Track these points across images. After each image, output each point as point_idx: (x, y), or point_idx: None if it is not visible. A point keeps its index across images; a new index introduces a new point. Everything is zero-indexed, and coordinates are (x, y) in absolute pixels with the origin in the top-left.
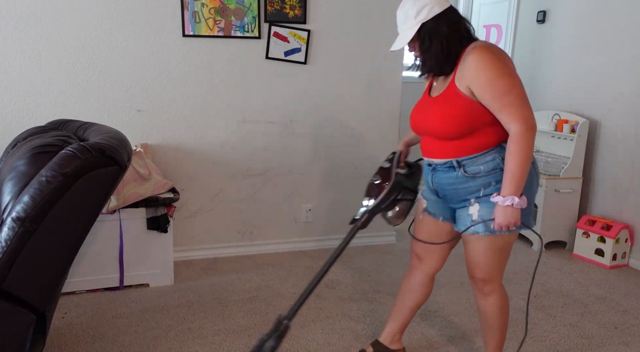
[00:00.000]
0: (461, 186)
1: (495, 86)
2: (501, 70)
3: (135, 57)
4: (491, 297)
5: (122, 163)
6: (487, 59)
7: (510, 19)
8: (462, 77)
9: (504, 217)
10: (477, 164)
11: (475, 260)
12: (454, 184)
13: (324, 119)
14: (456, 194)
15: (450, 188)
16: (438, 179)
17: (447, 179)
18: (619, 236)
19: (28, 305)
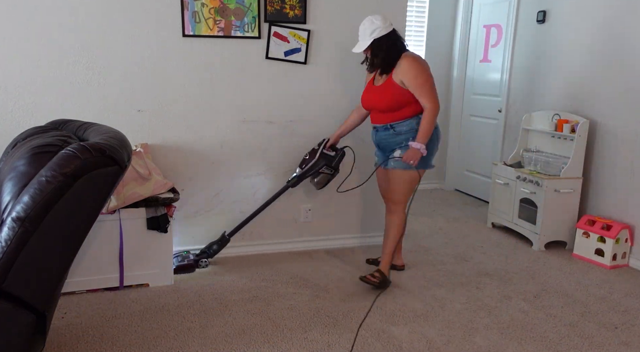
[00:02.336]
0: (392, 139)
1: (417, 80)
2: (420, 71)
3: (135, 57)
4: (395, 215)
5: (122, 163)
6: (412, 64)
7: (510, 19)
8: (397, 74)
9: (412, 154)
10: (401, 126)
11: (392, 188)
12: (387, 139)
13: (324, 119)
14: (388, 144)
15: (384, 141)
16: (379, 136)
17: (384, 135)
18: (619, 236)
19: (28, 305)
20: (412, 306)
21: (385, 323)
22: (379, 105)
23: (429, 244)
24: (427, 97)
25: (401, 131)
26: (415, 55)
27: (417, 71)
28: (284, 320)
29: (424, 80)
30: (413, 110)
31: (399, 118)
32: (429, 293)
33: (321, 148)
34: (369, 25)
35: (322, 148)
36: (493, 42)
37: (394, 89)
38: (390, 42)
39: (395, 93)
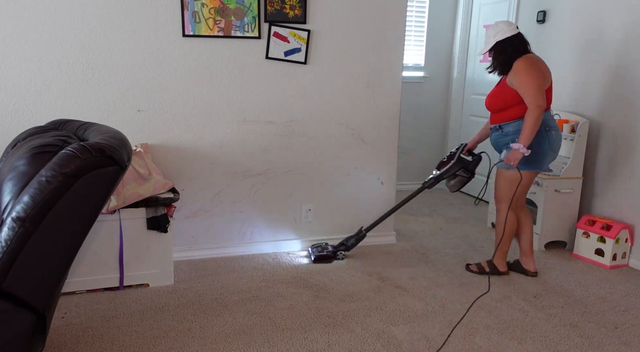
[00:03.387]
0: (500, 140)
1: (522, 80)
2: (527, 71)
3: (135, 57)
4: (499, 213)
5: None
6: (522, 65)
7: (510, 19)
8: (510, 75)
9: (511, 155)
10: (508, 127)
11: (496, 185)
12: (497, 139)
13: (324, 119)
14: (498, 144)
15: (495, 141)
16: (492, 137)
17: (495, 136)
18: (619, 236)
19: (28, 305)
20: (412, 306)
21: (385, 323)
22: (490, 105)
23: (429, 244)
24: (529, 97)
25: (508, 132)
26: (531, 57)
27: (524, 71)
28: (284, 320)
29: (527, 81)
30: (521, 112)
31: (506, 119)
32: (429, 293)
33: (459, 152)
34: (493, 29)
35: (460, 152)
36: None
37: (505, 89)
38: (513, 45)
39: (505, 93)
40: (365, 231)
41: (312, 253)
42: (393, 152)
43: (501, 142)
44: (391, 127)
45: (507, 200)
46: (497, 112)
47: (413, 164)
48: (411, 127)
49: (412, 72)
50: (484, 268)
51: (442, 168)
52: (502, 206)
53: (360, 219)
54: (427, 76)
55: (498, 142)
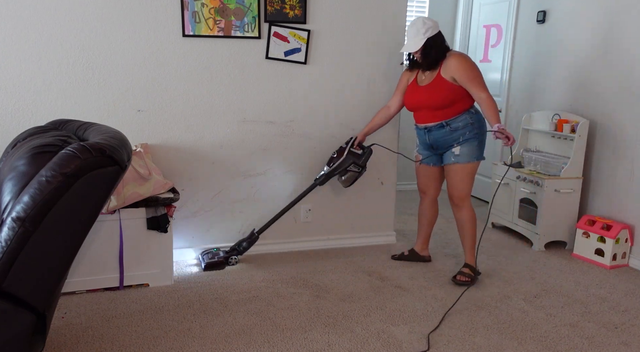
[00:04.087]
0: (448, 136)
1: (469, 74)
2: (470, 65)
3: (135, 57)
4: (464, 210)
5: (122, 163)
6: (463, 61)
7: (510, 19)
8: (447, 71)
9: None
10: (457, 122)
11: (455, 184)
12: (444, 136)
13: (324, 119)
14: (445, 142)
15: (441, 139)
16: (433, 136)
17: (439, 134)
18: (619, 236)
19: (28, 305)
20: (412, 306)
21: (385, 323)
22: (431, 103)
23: (429, 244)
24: (481, 88)
25: (457, 127)
26: (461, 53)
27: (468, 66)
28: (284, 320)
29: (475, 74)
30: (465, 106)
31: (452, 114)
32: (429, 293)
33: (348, 146)
34: (422, 25)
35: (350, 146)
36: (493, 42)
37: (445, 85)
38: (440, 41)
39: (447, 89)
40: (257, 233)
41: (202, 260)
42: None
43: (450, 138)
44: (391, 126)
45: (469, 195)
46: (439, 109)
47: (413, 164)
48: (411, 127)
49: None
50: (471, 274)
51: (333, 164)
52: (467, 202)
53: (360, 219)
54: None
55: (446, 140)
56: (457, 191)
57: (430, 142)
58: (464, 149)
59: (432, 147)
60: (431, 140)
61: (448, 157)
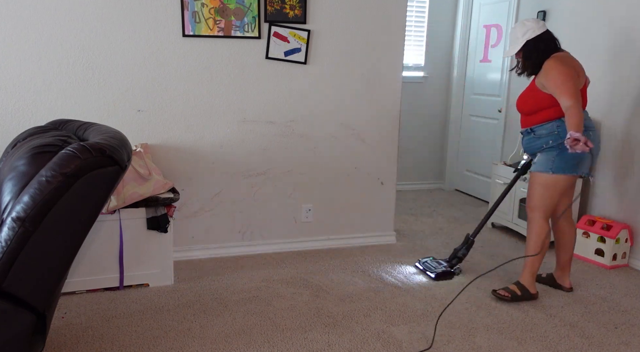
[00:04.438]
0: (533, 143)
1: (555, 80)
2: (559, 70)
3: (135, 57)
4: (532, 223)
5: (122, 163)
6: (553, 64)
7: (510, 19)
8: (540, 76)
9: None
10: (541, 129)
11: (529, 191)
12: (529, 142)
13: (324, 119)
14: (530, 148)
15: (527, 145)
16: (523, 141)
17: (527, 139)
18: (619, 236)
19: (28, 305)
20: (412, 306)
21: (385, 323)
22: (522, 108)
23: (429, 244)
24: (567, 96)
25: (541, 134)
26: (562, 55)
27: (556, 71)
28: (284, 320)
29: (561, 80)
30: (554, 114)
31: (538, 121)
32: (429, 293)
33: None
34: (520, 28)
35: None
36: (493, 42)
37: (535, 92)
38: (544, 44)
39: (535, 96)
40: (472, 237)
41: (426, 268)
42: (393, 152)
43: (534, 145)
44: (391, 127)
45: (541, 208)
46: (528, 115)
47: (413, 164)
48: (411, 127)
49: (412, 72)
50: (515, 292)
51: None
52: (535, 215)
53: (360, 219)
54: (427, 76)
55: (530, 146)
56: (529, 200)
57: (524, 148)
58: (541, 158)
59: (525, 152)
60: (523, 144)
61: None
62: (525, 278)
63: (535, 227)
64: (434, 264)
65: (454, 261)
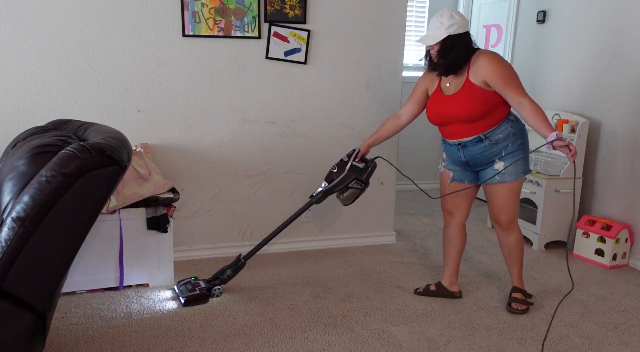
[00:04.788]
0: (488, 151)
1: (504, 76)
2: (504, 65)
3: (135, 57)
4: (513, 233)
5: (122, 163)
6: (494, 60)
7: (510, 19)
8: (477, 74)
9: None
10: (496, 134)
11: (501, 205)
12: (483, 151)
13: (324, 119)
14: (484, 158)
15: (480, 155)
16: (469, 152)
17: (477, 149)
18: (619, 236)
19: (28, 305)
20: (412, 306)
21: (385, 323)
22: (462, 115)
23: (429, 244)
24: (518, 92)
25: (498, 139)
26: (492, 52)
27: (500, 66)
28: (284, 320)
29: (511, 75)
30: (503, 113)
31: (491, 125)
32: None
33: (351, 160)
34: (447, 19)
35: (352, 160)
36: (493, 42)
37: (477, 92)
38: (464, 43)
39: (479, 96)
40: (244, 259)
41: (179, 293)
42: (393, 152)
43: (490, 153)
44: None
45: (517, 216)
46: (473, 122)
47: (413, 164)
48: (411, 127)
49: (412, 72)
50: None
51: (333, 179)
52: (516, 225)
53: (360, 219)
54: None
55: (485, 155)
56: (505, 213)
57: (467, 159)
58: (507, 164)
59: (467, 164)
60: (467, 157)
61: (489, 176)
62: (521, 282)
63: (518, 235)
64: (189, 286)
65: (216, 282)
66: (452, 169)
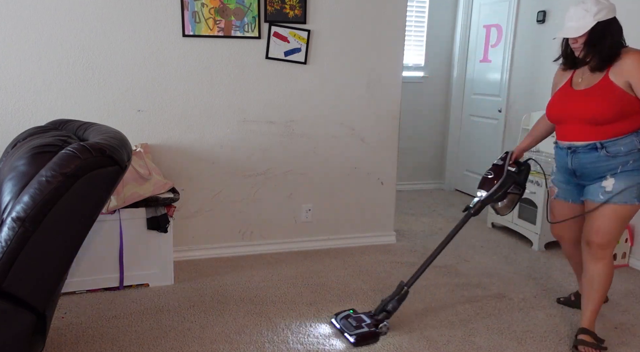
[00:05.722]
0: (602, 163)
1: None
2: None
3: (135, 57)
4: (601, 263)
5: (122, 163)
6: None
7: (510, 19)
8: (620, 73)
9: None
10: (617, 145)
11: (599, 227)
12: (595, 163)
13: (324, 119)
14: (595, 171)
15: (590, 166)
16: (578, 159)
17: (589, 158)
18: None
19: (28, 305)
20: (411, 306)
21: None
22: (586, 114)
23: (429, 244)
24: None
25: (618, 153)
26: None
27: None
28: (284, 320)
29: None
30: (635, 124)
31: (614, 134)
32: (428, 293)
33: (507, 164)
34: (593, 4)
35: (507, 164)
36: (493, 42)
37: (615, 92)
38: (616, 29)
39: (615, 97)
40: (407, 286)
41: (344, 329)
42: (393, 152)
43: (603, 166)
44: (391, 127)
45: (614, 245)
46: (596, 125)
47: (413, 164)
48: (411, 127)
49: (412, 72)
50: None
51: (490, 187)
52: (607, 252)
53: (360, 219)
54: (427, 76)
55: (596, 168)
56: (600, 237)
57: (573, 167)
58: (620, 184)
59: (574, 175)
60: (575, 164)
61: (595, 193)
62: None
63: (608, 267)
64: (354, 323)
65: (380, 316)
66: (558, 185)
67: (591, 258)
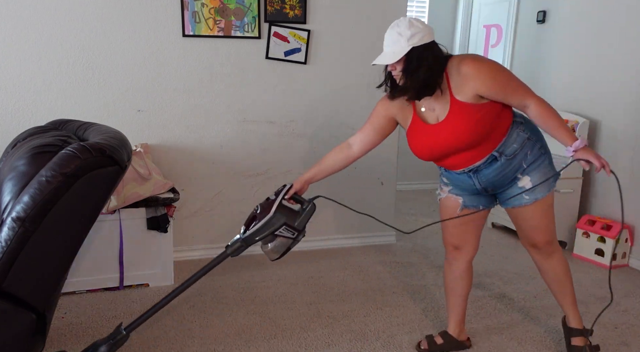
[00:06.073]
0: (507, 169)
1: (500, 81)
2: (494, 68)
3: (135, 57)
4: (555, 256)
5: (122, 163)
6: (482, 66)
7: (510, 19)
8: (464, 89)
9: (593, 154)
10: (510, 145)
11: (537, 226)
12: (502, 171)
13: (324, 119)
14: (505, 177)
15: (499, 176)
16: (484, 176)
17: (493, 171)
18: (619, 236)
19: (28, 305)
20: (412, 306)
21: (386, 323)
22: (462, 143)
23: (429, 244)
24: (524, 93)
25: (515, 151)
26: (473, 54)
27: (492, 71)
28: (284, 320)
29: (506, 76)
30: (508, 120)
31: (501, 138)
32: (428, 293)
33: (279, 198)
34: (406, 28)
35: (282, 198)
36: (493, 42)
37: (471, 111)
38: (433, 55)
39: (477, 115)
40: (126, 331)
41: None
42: (393, 152)
43: (510, 170)
44: None
45: (556, 234)
46: (482, 144)
47: (413, 164)
48: None
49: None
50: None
51: (255, 223)
52: (556, 245)
53: (360, 219)
54: None
55: (505, 174)
56: (543, 234)
57: (484, 186)
58: (535, 177)
59: (485, 191)
60: (484, 183)
61: (519, 198)
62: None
63: (562, 258)
64: None
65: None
66: (461, 194)
67: (544, 257)
